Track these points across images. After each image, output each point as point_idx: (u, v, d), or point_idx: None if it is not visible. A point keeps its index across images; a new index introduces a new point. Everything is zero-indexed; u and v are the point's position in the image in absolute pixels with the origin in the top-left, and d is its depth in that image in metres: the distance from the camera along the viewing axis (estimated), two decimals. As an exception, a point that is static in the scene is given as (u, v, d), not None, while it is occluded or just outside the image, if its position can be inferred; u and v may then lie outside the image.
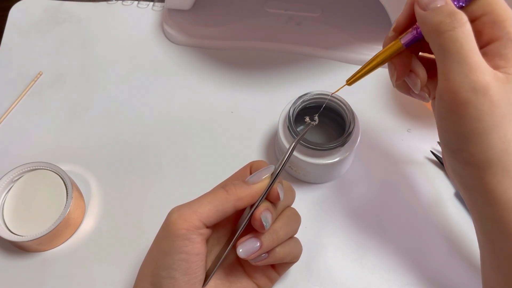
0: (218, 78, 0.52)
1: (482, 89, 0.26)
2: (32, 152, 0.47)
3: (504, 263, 0.29)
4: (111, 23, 0.56)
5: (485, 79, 0.26)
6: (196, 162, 0.47)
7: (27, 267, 0.41)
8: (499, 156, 0.27)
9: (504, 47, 0.28)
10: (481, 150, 0.27)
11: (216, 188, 0.33)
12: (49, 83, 0.52)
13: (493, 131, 0.27)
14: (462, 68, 0.26)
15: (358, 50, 0.52)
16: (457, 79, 0.26)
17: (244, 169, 0.35)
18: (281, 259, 0.34)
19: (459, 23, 0.26)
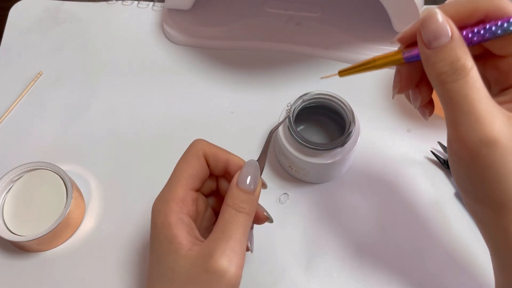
0: (218, 78, 0.52)
1: (490, 142, 0.25)
2: (32, 152, 0.47)
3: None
4: (111, 23, 0.56)
5: (493, 130, 0.25)
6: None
7: (27, 267, 0.41)
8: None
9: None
10: (495, 193, 0.26)
11: (231, 216, 0.32)
12: (49, 83, 0.52)
13: (507, 176, 0.25)
14: (468, 120, 0.25)
15: (358, 50, 0.52)
16: (464, 131, 0.25)
17: (195, 159, 0.34)
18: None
19: (462, 73, 0.25)
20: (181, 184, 0.32)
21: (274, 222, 0.43)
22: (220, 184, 0.36)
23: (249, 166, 0.33)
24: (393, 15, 0.49)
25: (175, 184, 0.32)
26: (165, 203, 0.32)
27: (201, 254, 0.29)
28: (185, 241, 0.30)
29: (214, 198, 0.37)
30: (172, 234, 0.30)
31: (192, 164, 0.33)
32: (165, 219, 0.31)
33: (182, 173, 0.33)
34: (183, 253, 0.30)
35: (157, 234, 0.31)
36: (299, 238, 0.43)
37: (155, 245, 0.31)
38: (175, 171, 0.33)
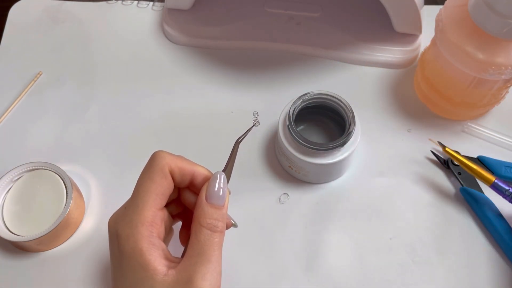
0: (218, 78, 0.52)
1: None
2: (31, 152, 0.47)
3: None
4: (111, 23, 0.56)
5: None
6: (196, 162, 0.46)
7: (27, 267, 0.41)
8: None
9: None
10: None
11: (206, 238, 0.32)
12: (49, 83, 0.52)
13: None
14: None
15: (358, 50, 0.52)
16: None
17: (161, 177, 0.33)
18: None
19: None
20: (148, 206, 0.31)
21: (275, 222, 0.43)
22: (182, 194, 0.35)
23: (216, 179, 0.32)
24: (393, 15, 0.49)
25: (143, 206, 0.31)
26: (133, 228, 0.30)
27: (179, 279, 0.29)
28: (160, 266, 0.30)
29: (173, 205, 0.36)
30: (145, 261, 0.29)
31: (159, 183, 0.32)
32: (136, 245, 0.30)
33: (149, 194, 0.31)
34: (160, 279, 0.29)
35: (127, 261, 0.30)
36: (299, 238, 0.43)
37: (126, 273, 0.30)
38: (140, 191, 0.32)
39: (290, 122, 0.41)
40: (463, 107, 0.47)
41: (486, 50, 0.40)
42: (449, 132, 0.48)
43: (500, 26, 0.38)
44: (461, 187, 0.44)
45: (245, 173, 0.46)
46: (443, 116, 0.49)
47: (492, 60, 0.40)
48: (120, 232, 0.30)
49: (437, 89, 0.47)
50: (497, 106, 0.48)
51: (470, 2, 0.40)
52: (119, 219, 0.31)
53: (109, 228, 0.32)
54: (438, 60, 0.45)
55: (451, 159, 0.45)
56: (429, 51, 0.47)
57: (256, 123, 0.36)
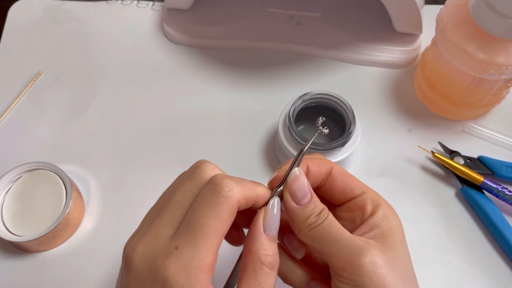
0: (218, 78, 0.52)
1: (363, 251, 0.27)
2: (31, 152, 0.47)
3: None
4: (111, 23, 0.56)
5: (361, 243, 0.28)
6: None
7: (27, 267, 0.41)
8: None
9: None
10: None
11: (266, 279, 0.27)
12: (49, 83, 0.52)
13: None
14: (341, 244, 0.28)
15: (358, 50, 0.52)
16: (341, 254, 0.28)
17: (230, 217, 0.26)
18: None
19: (323, 216, 0.29)
20: (213, 249, 0.25)
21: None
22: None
23: (274, 207, 0.29)
24: (394, 15, 0.49)
25: (206, 252, 0.25)
26: (193, 277, 0.24)
27: None
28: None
29: None
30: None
31: (227, 223, 0.26)
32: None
33: (215, 236, 0.25)
34: None
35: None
36: (299, 238, 0.43)
37: None
38: (204, 231, 0.25)
39: (290, 122, 0.41)
40: (463, 107, 0.46)
41: (486, 50, 0.40)
42: (449, 132, 0.48)
43: (501, 26, 0.38)
44: (461, 187, 0.44)
45: (245, 173, 0.45)
46: (443, 116, 0.49)
47: (492, 60, 0.39)
48: (173, 279, 0.24)
49: (438, 89, 0.47)
50: (498, 106, 0.48)
51: (471, 2, 0.40)
52: (168, 259, 0.24)
53: (142, 263, 0.25)
54: (438, 60, 0.45)
55: (452, 158, 0.45)
56: (429, 51, 0.47)
57: (320, 131, 0.35)
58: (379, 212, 0.30)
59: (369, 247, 0.28)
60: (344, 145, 0.41)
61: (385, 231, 0.30)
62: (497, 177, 0.45)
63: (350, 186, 0.31)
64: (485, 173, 0.45)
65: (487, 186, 0.43)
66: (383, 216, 0.30)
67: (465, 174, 0.44)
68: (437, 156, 0.45)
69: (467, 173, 0.44)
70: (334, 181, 0.32)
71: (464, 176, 0.44)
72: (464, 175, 0.44)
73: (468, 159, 0.45)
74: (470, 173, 0.44)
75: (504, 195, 0.43)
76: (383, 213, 0.30)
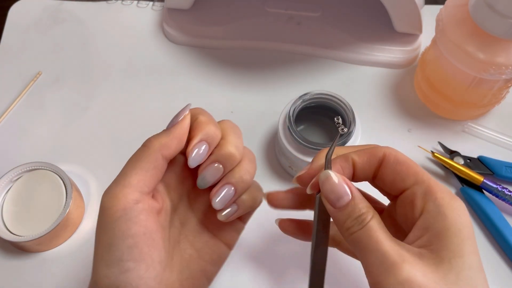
0: (218, 78, 0.52)
1: (405, 283, 0.23)
2: (31, 152, 0.47)
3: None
4: (111, 23, 0.56)
5: (403, 270, 0.23)
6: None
7: (27, 267, 0.41)
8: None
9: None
10: None
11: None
12: (49, 83, 0.52)
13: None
14: (377, 260, 0.25)
15: (358, 50, 0.52)
16: (376, 273, 0.25)
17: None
18: (249, 206, 0.31)
19: (364, 222, 0.26)
20: (133, 177, 0.29)
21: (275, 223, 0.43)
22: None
23: (183, 108, 0.32)
24: (393, 15, 0.49)
25: (127, 177, 0.29)
26: (115, 195, 0.28)
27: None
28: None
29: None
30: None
31: (148, 161, 0.29)
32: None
33: (136, 170, 0.29)
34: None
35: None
36: (299, 238, 0.43)
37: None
38: (127, 168, 0.29)
39: (290, 122, 0.41)
40: (463, 107, 0.46)
41: (486, 50, 0.40)
42: (449, 132, 0.48)
43: (501, 26, 0.38)
44: (461, 187, 0.44)
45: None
46: (443, 116, 0.49)
47: (492, 60, 0.40)
48: (104, 193, 0.29)
49: (438, 89, 0.47)
50: (498, 106, 0.48)
51: (471, 2, 0.40)
52: (104, 194, 0.29)
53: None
54: (438, 60, 0.45)
55: (452, 158, 0.45)
56: (429, 51, 0.47)
57: (342, 129, 0.34)
58: (429, 208, 0.25)
59: (400, 265, 0.23)
60: (344, 145, 0.41)
61: (440, 235, 0.24)
62: (497, 177, 0.45)
63: (402, 175, 0.27)
64: (485, 173, 0.45)
65: (487, 186, 0.43)
66: (436, 214, 0.25)
67: (465, 174, 0.44)
68: (437, 156, 0.45)
69: (467, 173, 0.44)
70: (384, 170, 0.28)
71: (464, 176, 0.44)
72: (464, 175, 0.44)
73: (468, 159, 0.45)
74: (470, 173, 0.44)
75: (504, 195, 0.43)
76: (435, 210, 0.25)
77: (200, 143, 0.29)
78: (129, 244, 0.26)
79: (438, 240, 0.24)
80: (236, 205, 0.31)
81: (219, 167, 0.30)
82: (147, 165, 0.28)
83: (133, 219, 0.27)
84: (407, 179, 0.27)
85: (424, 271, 0.23)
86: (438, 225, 0.24)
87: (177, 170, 0.32)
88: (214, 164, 0.30)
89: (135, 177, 0.28)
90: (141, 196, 0.28)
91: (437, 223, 0.24)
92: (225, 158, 0.30)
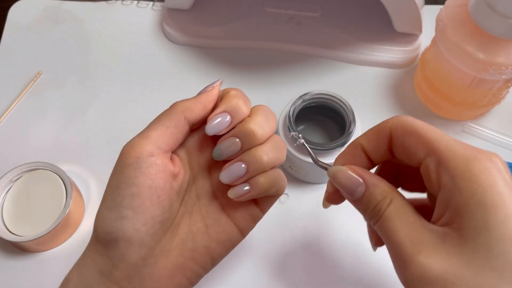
0: (218, 78, 0.52)
1: (423, 279, 0.21)
2: (31, 152, 0.47)
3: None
4: (111, 23, 0.56)
5: (419, 265, 0.21)
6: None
7: (27, 267, 0.41)
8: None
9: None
10: None
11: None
12: (49, 83, 0.52)
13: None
14: (396, 253, 0.23)
15: (358, 50, 0.52)
16: (398, 266, 0.23)
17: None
18: (265, 190, 0.30)
19: (380, 213, 0.24)
20: (155, 132, 0.30)
21: (274, 222, 0.43)
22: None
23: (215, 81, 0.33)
24: (393, 15, 0.49)
25: (149, 132, 0.30)
26: (134, 144, 0.29)
27: None
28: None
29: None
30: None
31: (172, 121, 0.31)
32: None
33: (159, 127, 0.31)
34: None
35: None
36: (299, 238, 0.43)
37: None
38: (151, 125, 0.31)
39: (290, 122, 0.41)
40: (463, 107, 0.46)
41: (486, 50, 0.40)
42: (449, 132, 0.48)
43: (501, 26, 0.38)
44: (462, 187, 0.44)
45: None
46: (443, 116, 0.49)
47: (492, 60, 0.40)
48: (126, 143, 0.30)
49: (438, 89, 0.47)
50: (498, 106, 0.48)
51: (471, 2, 0.40)
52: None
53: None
54: (438, 60, 0.45)
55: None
56: (429, 51, 0.47)
57: (298, 141, 0.34)
58: (444, 181, 0.22)
59: (414, 258, 0.21)
60: (344, 145, 0.41)
61: (460, 211, 0.21)
62: (497, 177, 0.45)
63: (412, 148, 0.24)
64: (485, 173, 0.44)
65: None
66: (452, 187, 0.21)
67: None
68: None
69: None
70: (395, 146, 0.26)
71: None
72: None
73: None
74: None
75: (504, 195, 0.42)
76: (450, 183, 0.21)
77: (222, 113, 0.29)
78: (132, 191, 0.27)
79: (459, 217, 0.21)
80: (248, 185, 0.29)
81: (236, 141, 0.29)
82: (168, 122, 0.29)
83: (142, 169, 0.27)
84: (419, 151, 0.24)
85: (447, 255, 0.20)
86: (455, 200, 0.21)
87: (200, 140, 0.31)
88: (233, 138, 0.29)
89: (154, 132, 0.29)
90: (157, 150, 0.28)
91: (454, 198, 0.21)
92: (244, 134, 0.29)
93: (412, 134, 0.24)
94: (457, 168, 0.21)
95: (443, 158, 0.22)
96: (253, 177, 0.29)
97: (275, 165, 0.30)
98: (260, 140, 0.29)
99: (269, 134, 0.30)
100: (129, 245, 0.27)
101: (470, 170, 0.21)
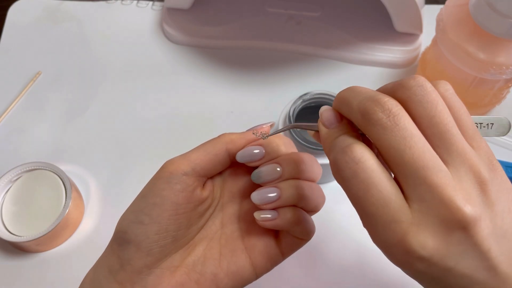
0: (218, 78, 0.52)
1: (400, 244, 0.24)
2: (30, 152, 0.47)
3: None
4: (110, 23, 0.56)
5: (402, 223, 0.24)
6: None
7: (26, 267, 0.41)
8: None
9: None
10: None
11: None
12: (48, 83, 0.52)
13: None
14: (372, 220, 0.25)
15: (358, 49, 0.52)
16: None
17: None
18: (288, 223, 0.29)
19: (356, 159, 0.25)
20: (194, 156, 0.30)
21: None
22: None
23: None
24: (394, 14, 0.49)
25: (189, 155, 0.30)
26: (173, 163, 0.30)
27: None
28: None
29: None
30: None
31: (214, 150, 0.31)
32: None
33: (200, 152, 0.31)
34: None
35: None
36: (299, 238, 0.43)
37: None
38: (194, 149, 0.31)
39: (290, 122, 0.41)
40: (463, 107, 0.46)
41: (487, 50, 0.40)
42: (449, 132, 0.48)
43: (501, 25, 0.38)
44: (462, 187, 0.44)
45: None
46: (443, 116, 0.49)
47: (493, 59, 0.39)
48: (165, 165, 0.30)
49: (438, 89, 0.47)
50: (498, 105, 0.48)
51: (471, 1, 0.40)
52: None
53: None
54: (439, 60, 0.45)
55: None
56: (430, 50, 0.47)
57: (262, 137, 0.34)
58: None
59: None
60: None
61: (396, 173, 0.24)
62: (497, 177, 0.45)
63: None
64: (485, 173, 0.44)
65: None
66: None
67: None
68: None
69: None
70: None
71: None
72: None
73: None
74: None
75: (505, 195, 0.42)
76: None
77: (257, 145, 0.30)
78: (155, 201, 0.28)
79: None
80: (277, 213, 0.29)
81: (277, 168, 0.30)
82: (210, 149, 0.30)
83: (171, 184, 0.28)
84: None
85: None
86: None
87: (236, 170, 0.32)
88: (276, 164, 0.30)
89: (194, 154, 0.29)
90: (191, 171, 0.29)
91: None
92: (289, 163, 0.30)
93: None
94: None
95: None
96: (283, 208, 0.30)
97: (309, 209, 0.31)
98: (303, 174, 0.30)
99: (314, 178, 0.31)
100: (137, 249, 0.28)
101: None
